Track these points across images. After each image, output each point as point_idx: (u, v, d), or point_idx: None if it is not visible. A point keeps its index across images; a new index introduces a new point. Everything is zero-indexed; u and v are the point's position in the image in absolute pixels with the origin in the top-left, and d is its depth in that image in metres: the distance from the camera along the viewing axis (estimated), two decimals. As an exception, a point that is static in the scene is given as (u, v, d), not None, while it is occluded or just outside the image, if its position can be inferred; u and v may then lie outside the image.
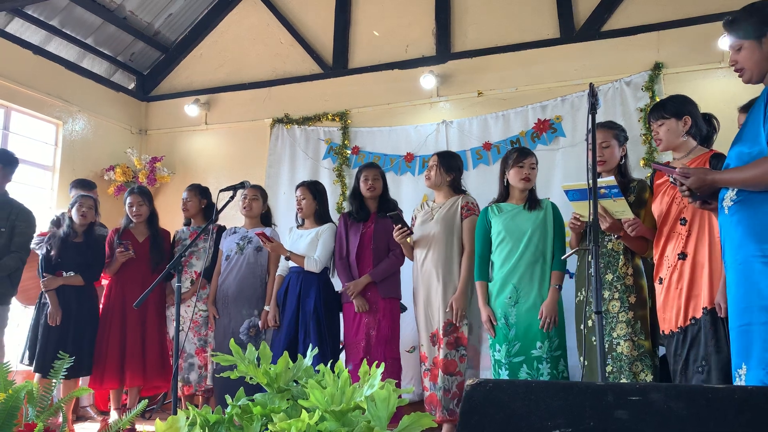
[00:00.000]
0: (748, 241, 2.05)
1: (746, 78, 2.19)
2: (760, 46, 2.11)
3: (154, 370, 4.42)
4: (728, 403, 1.23)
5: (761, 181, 2.02)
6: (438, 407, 3.58)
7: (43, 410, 1.64)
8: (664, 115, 2.87)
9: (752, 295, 2.04)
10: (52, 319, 4.15)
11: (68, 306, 4.22)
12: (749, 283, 2.05)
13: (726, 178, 2.15)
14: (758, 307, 2.01)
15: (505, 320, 3.40)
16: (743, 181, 2.08)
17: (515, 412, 1.32)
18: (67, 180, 5.66)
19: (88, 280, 4.33)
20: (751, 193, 2.07)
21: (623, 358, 2.97)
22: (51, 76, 5.75)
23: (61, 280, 4.22)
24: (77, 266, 4.28)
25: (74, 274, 4.26)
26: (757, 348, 2.01)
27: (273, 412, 1.33)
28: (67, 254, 4.27)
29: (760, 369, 2.00)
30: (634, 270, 3.08)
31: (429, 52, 5.71)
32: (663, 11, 5.01)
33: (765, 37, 2.10)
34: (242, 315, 4.20)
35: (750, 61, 2.15)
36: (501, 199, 3.60)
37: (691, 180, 2.24)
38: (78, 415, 4.78)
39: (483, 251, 3.55)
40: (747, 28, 2.14)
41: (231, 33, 6.55)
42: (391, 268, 3.94)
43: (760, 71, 2.14)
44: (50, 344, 4.13)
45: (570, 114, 5.08)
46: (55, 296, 4.19)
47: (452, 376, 3.58)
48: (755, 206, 2.06)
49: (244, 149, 6.23)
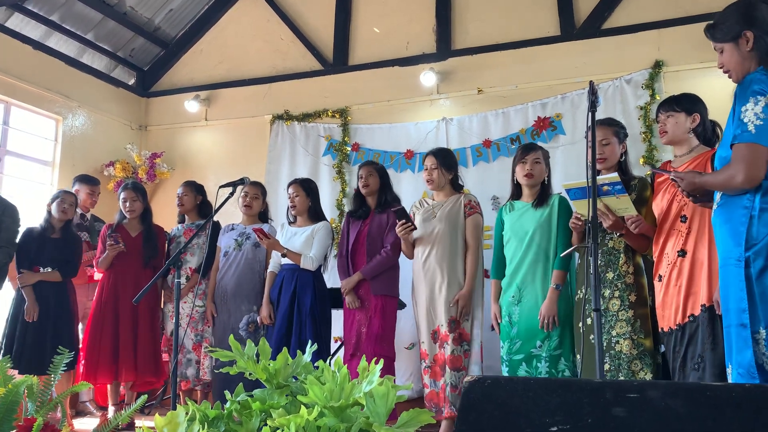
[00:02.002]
0: (727, 243, 2.13)
1: (734, 78, 2.26)
2: (738, 47, 2.18)
3: (146, 366, 4.40)
4: (726, 401, 1.23)
5: (727, 185, 2.12)
6: (446, 404, 3.59)
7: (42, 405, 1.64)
8: (675, 108, 2.90)
9: (728, 297, 2.12)
10: (29, 315, 4.14)
11: (46, 302, 4.21)
12: (726, 285, 2.13)
13: (707, 181, 2.25)
14: (733, 310, 2.08)
15: (509, 318, 3.42)
16: (716, 185, 2.19)
17: (513, 409, 1.32)
18: (66, 175, 5.66)
19: (66, 276, 4.33)
20: (731, 196, 2.14)
21: (622, 357, 2.98)
22: (51, 71, 5.75)
23: (39, 276, 4.21)
24: (54, 262, 4.27)
25: (51, 269, 4.26)
26: (731, 348, 2.09)
27: (272, 408, 1.34)
28: (45, 250, 4.26)
29: (734, 369, 2.07)
30: (634, 268, 3.08)
31: (429, 49, 5.71)
32: (664, 9, 5.00)
33: (740, 38, 2.16)
34: (241, 311, 4.21)
35: (731, 62, 2.22)
36: (514, 197, 3.61)
37: (684, 183, 2.32)
38: (78, 411, 4.79)
39: (498, 250, 3.59)
40: (723, 30, 2.21)
41: (231, 29, 6.54)
42: (382, 265, 3.92)
43: (742, 70, 2.20)
44: (28, 340, 4.12)
45: (570, 112, 5.07)
46: (32, 292, 4.18)
47: (459, 372, 3.60)
48: (732, 210, 2.12)
49: (244, 145, 6.22)
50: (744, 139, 2.05)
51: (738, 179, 2.06)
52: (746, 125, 2.05)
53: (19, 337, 4.15)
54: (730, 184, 2.09)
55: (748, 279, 2.03)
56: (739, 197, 2.10)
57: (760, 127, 2.03)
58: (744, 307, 2.02)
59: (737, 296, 2.05)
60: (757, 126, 2.03)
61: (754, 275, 2.02)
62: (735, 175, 2.06)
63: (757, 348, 2.01)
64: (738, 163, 2.06)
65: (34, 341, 4.12)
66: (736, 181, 2.06)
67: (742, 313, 2.03)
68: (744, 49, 2.16)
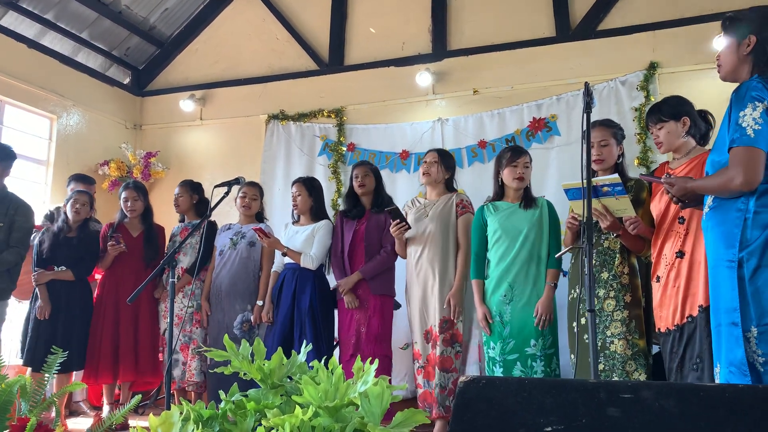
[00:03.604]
0: (719, 246, 2.15)
1: (721, 74, 2.30)
2: (738, 48, 2.21)
3: (145, 366, 4.40)
4: (719, 402, 1.24)
5: (722, 189, 2.13)
6: (434, 404, 3.59)
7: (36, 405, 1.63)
8: (662, 117, 2.88)
9: (719, 297, 2.14)
10: (41, 313, 4.14)
11: (58, 301, 4.21)
12: (717, 285, 2.15)
13: (700, 185, 2.27)
14: (723, 309, 2.11)
15: (500, 318, 3.41)
16: (711, 189, 2.20)
17: (508, 409, 1.33)
18: (61, 174, 5.64)
19: (79, 276, 4.32)
20: (723, 200, 2.16)
21: (616, 357, 2.98)
22: (45, 70, 5.73)
23: (51, 275, 4.21)
24: (69, 261, 4.26)
25: (65, 269, 4.25)
26: (723, 348, 2.11)
27: (267, 408, 1.33)
28: (59, 249, 4.26)
29: (725, 368, 2.09)
30: (630, 269, 3.09)
31: (425, 49, 5.71)
32: (658, 11, 5.02)
33: (745, 40, 2.19)
34: (235, 310, 4.20)
35: (727, 58, 2.26)
36: (496, 198, 3.61)
37: (675, 189, 2.34)
38: (71, 410, 4.77)
39: (479, 250, 3.56)
40: (734, 26, 2.23)
41: (227, 28, 6.53)
42: (382, 265, 3.93)
43: (732, 70, 2.24)
44: (40, 338, 4.12)
45: (565, 113, 5.09)
46: (46, 290, 4.18)
47: (448, 373, 3.59)
48: (725, 213, 2.14)
49: (239, 145, 6.22)
50: (743, 142, 2.06)
51: (737, 182, 2.06)
52: (744, 129, 2.06)
53: (32, 335, 4.16)
54: (728, 187, 2.09)
55: (740, 279, 2.05)
56: (733, 200, 2.11)
57: (758, 131, 2.05)
58: (735, 306, 2.05)
59: (728, 296, 2.07)
60: (756, 130, 2.05)
61: (747, 275, 2.04)
62: (734, 177, 2.07)
63: (749, 346, 2.03)
64: (736, 166, 2.06)
65: (44, 340, 4.11)
66: (734, 183, 2.07)
67: (733, 312, 2.05)
68: (742, 51, 2.20)
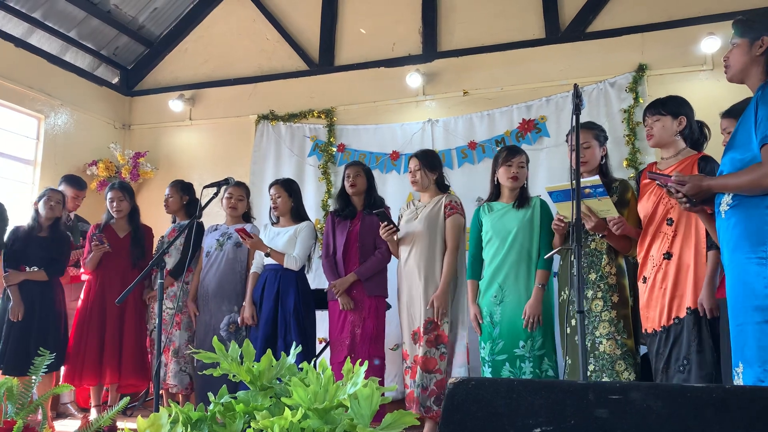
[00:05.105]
0: (744, 244, 2.10)
1: (729, 75, 2.26)
2: (750, 49, 2.18)
3: (130, 368, 4.35)
4: (707, 403, 1.25)
5: (755, 186, 2.07)
6: (415, 404, 3.59)
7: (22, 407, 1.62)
8: (661, 111, 2.91)
9: (747, 295, 2.09)
10: (14, 315, 4.09)
11: (32, 301, 4.16)
12: (744, 283, 2.10)
13: (721, 183, 2.19)
14: (752, 307, 2.06)
15: (490, 318, 3.42)
16: (737, 187, 2.13)
17: (497, 410, 1.33)
18: (48, 174, 5.60)
19: (52, 276, 4.28)
20: (746, 197, 2.11)
21: (606, 357, 3.00)
22: (33, 69, 5.68)
23: (24, 275, 4.16)
24: (41, 261, 4.22)
25: (38, 269, 4.21)
26: (751, 347, 2.06)
27: (256, 410, 1.33)
28: (31, 248, 4.21)
29: (757, 366, 2.03)
30: (617, 269, 3.10)
31: (415, 50, 5.72)
32: (647, 13, 5.05)
33: (758, 41, 2.16)
34: (222, 311, 4.18)
35: (736, 58, 2.22)
36: (492, 198, 3.62)
37: (687, 187, 2.27)
38: (58, 412, 4.73)
39: (475, 251, 3.59)
40: (747, 27, 2.20)
41: (216, 28, 6.50)
42: (377, 266, 3.94)
43: (741, 72, 2.21)
44: (12, 340, 4.07)
45: (554, 114, 5.11)
46: (17, 291, 4.13)
47: (430, 374, 3.59)
48: (749, 210, 2.10)
49: (228, 145, 6.19)
50: None
51: None
52: None
53: (4, 337, 4.10)
54: (761, 184, 2.05)
55: None
56: (760, 198, 2.08)
57: None
58: None
59: (760, 293, 2.03)
60: None
61: None
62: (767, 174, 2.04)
63: None
64: None
65: (18, 342, 4.06)
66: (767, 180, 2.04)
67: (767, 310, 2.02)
68: (755, 52, 2.17)
